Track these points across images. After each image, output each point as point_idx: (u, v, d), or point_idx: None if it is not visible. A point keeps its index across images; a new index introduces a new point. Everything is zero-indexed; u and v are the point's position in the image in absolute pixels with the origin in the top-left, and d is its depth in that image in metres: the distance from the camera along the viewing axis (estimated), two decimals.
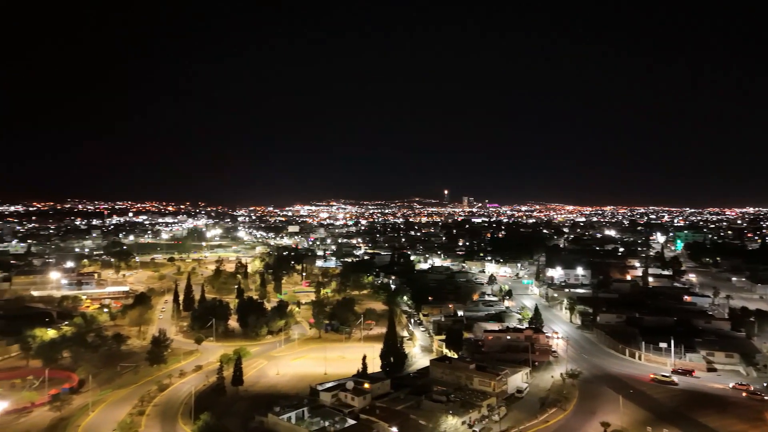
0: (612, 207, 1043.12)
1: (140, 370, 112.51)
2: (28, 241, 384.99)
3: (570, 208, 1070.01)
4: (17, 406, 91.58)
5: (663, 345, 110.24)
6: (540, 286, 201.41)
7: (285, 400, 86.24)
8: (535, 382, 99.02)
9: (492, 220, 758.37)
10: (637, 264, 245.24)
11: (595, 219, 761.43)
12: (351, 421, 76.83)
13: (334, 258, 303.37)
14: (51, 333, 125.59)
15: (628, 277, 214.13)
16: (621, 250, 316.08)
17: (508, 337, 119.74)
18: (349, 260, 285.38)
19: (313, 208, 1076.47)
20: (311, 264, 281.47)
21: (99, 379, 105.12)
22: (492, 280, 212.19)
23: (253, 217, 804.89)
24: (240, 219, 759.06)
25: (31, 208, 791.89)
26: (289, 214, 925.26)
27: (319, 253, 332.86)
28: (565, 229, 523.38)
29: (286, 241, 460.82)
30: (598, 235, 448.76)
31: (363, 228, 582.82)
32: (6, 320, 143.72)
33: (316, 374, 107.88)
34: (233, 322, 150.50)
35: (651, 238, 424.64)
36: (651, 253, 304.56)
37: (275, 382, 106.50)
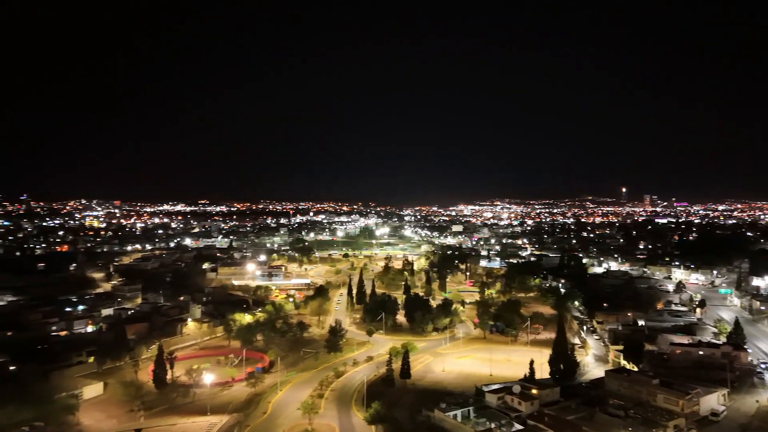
0: None
1: (319, 357, 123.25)
2: (230, 237, 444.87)
3: None
4: (221, 380, 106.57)
5: None
6: (742, 297, 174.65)
7: (451, 398, 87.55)
8: (735, 405, 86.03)
9: (680, 220, 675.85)
10: None
11: None
12: (518, 426, 75.04)
13: (498, 258, 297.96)
14: (248, 318, 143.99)
15: None
16: None
17: (701, 353, 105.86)
18: (515, 261, 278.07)
19: (477, 207, 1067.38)
20: (475, 263, 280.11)
21: (285, 361, 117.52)
22: (680, 287, 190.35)
23: (419, 217, 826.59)
24: (406, 218, 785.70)
25: (232, 209, 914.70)
26: (453, 213, 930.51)
27: (483, 252, 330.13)
28: None
29: (450, 240, 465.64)
30: None
31: (529, 228, 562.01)
32: (214, 305, 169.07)
33: (482, 374, 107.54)
34: (401, 317, 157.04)
35: None
36: None
37: (441, 378, 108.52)
